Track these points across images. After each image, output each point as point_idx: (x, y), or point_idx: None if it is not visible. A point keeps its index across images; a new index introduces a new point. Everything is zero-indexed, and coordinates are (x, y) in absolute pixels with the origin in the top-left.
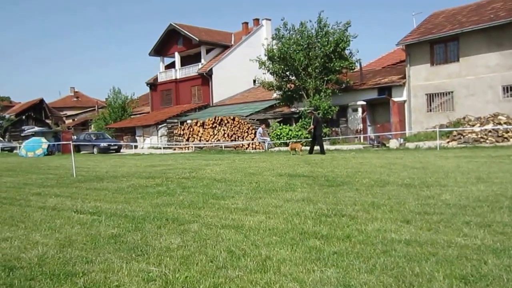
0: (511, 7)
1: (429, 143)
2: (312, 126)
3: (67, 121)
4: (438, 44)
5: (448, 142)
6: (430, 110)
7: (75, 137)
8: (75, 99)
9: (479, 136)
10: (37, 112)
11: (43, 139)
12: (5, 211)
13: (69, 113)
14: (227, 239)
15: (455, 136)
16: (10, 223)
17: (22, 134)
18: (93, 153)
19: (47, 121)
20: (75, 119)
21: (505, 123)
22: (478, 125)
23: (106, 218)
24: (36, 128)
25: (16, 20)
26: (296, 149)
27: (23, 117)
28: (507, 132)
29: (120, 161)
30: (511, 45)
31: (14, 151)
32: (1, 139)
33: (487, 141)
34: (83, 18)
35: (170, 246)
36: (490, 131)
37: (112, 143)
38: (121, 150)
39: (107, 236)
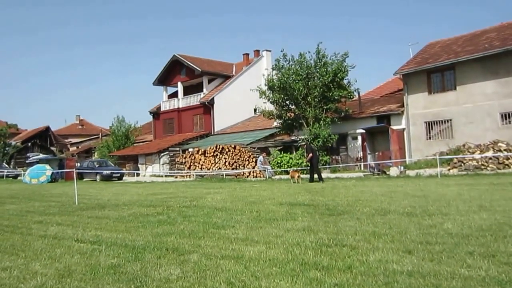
0: (505, 36)
1: (429, 170)
2: (310, 155)
3: (71, 149)
4: (434, 73)
5: (449, 169)
6: (430, 138)
7: (78, 164)
8: (80, 127)
9: (480, 163)
10: (42, 139)
11: (48, 166)
12: (6, 239)
13: (73, 140)
14: (226, 270)
15: (455, 163)
16: (11, 251)
17: (27, 161)
18: (96, 180)
19: (52, 148)
20: (79, 147)
21: (505, 150)
22: (478, 152)
23: (107, 247)
24: (41, 155)
25: (27, 51)
26: (294, 177)
27: (29, 144)
28: (507, 159)
29: (122, 189)
30: (507, 73)
31: (18, 178)
32: (6, 165)
33: (488, 168)
34: (90, 50)
35: (170, 277)
36: (490, 158)
37: (115, 171)
38: (124, 178)
39: (106, 266)
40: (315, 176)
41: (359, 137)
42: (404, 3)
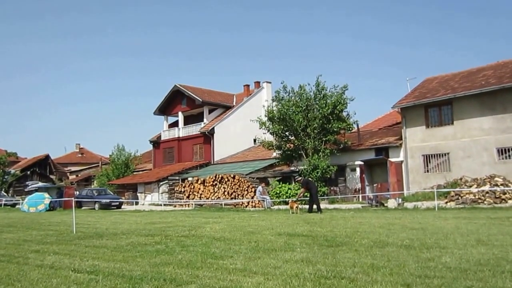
0: (501, 74)
1: (427, 203)
2: (302, 190)
3: (70, 177)
4: (432, 108)
5: (446, 202)
6: (427, 171)
7: (77, 192)
8: (79, 155)
9: (477, 197)
10: (42, 167)
11: (46, 195)
12: (2, 269)
13: (73, 168)
14: None
15: (453, 196)
16: (6, 282)
17: (25, 189)
18: (94, 209)
19: (52, 176)
20: (79, 175)
21: (502, 184)
22: (475, 186)
23: (104, 277)
24: (40, 184)
25: (28, 84)
26: (293, 208)
27: (28, 172)
28: (504, 193)
29: (120, 217)
30: (504, 110)
31: (16, 206)
32: (5, 194)
33: (485, 202)
34: (92, 81)
35: None
36: (487, 192)
37: (114, 199)
38: (122, 206)
39: None
40: (314, 206)
41: (358, 169)
42: (402, 39)
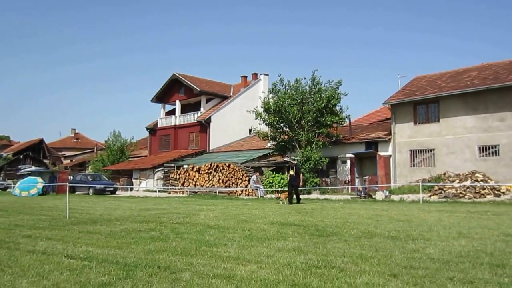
0: (484, 76)
1: (412, 196)
2: (302, 177)
3: (65, 162)
4: (420, 105)
5: (430, 196)
6: (414, 165)
7: (71, 177)
8: (75, 140)
9: (459, 191)
10: (35, 151)
11: (39, 179)
12: None
13: (68, 153)
14: None
15: (436, 190)
16: None
17: (18, 173)
18: (88, 194)
19: (45, 161)
20: (73, 160)
21: (481, 180)
22: (457, 181)
23: (97, 264)
24: (33, 168)
25: (24, 66)
26: (281, 197)
27: (21, 156)
28: (483, 189)
29: (114, 203)
30: (485, 109)
31: (8, 190)
32: None
33: (466, 196)
34: (89, 64)
35: None
36: (468, 187)
37: (108, 185)
38: (117, 192)
39: (97, 284)
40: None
41: (348, 161)
42: (393, 35)
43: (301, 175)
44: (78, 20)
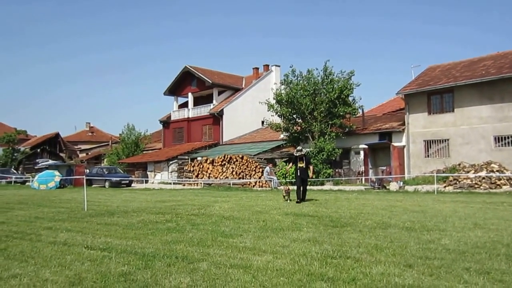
0: (500, 65)
1: (427, 187)
2: (313, 168)
3: (80, 155)
4: (434, 95)
5: (444, 186)
6: (428, 156)
7: (87, 170)
8: (90, 134)
9: (474, 182)
10: (52, 145)
11: (57, 172)
12: (15, 246)
13: (83, 147)
14: (235, 279)
15: (451, 181)
16: (20, 258)
17: (35, 167)
18: (104, 187)
19: (61, 154)
20: (89, 153)
21: (497, 171)
22: (473, 171)
23: (117, 254)
24: (50, 161)
25: (39, 59)
26: (283, 192)
27: (38, 150)
28: (499, 179)
29: (131, 195)
30: (501, 99)
31: (26, 184)
32: (15, 171)
33: (481, 187)
34: (103, 56)
35: (180, 286)
36: (484, 178)
37: (124, 178)
38: (132, 185)
39: (117, 274)
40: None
41: (362, 152)
42: (406, 26)
43: (311, 166)
44: (88, 12)
